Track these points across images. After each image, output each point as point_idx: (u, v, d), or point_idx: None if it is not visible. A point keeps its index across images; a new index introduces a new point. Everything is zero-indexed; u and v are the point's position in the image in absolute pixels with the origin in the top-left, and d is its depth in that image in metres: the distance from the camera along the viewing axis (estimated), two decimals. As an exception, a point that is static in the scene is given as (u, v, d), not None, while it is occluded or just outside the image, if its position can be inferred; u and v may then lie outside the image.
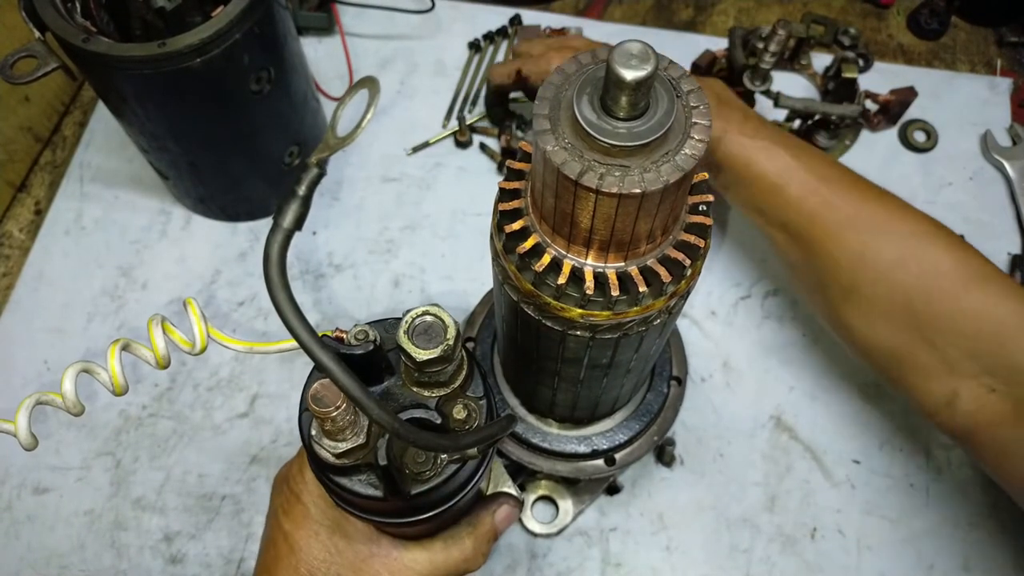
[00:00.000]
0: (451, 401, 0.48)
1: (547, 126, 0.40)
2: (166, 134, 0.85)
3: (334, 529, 0.55)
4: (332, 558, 0.55)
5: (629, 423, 0.76)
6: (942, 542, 0.85)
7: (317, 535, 0.55)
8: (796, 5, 1.22)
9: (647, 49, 0.36)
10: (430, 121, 1.09)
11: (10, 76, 0.73)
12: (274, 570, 0.55)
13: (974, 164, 1.07)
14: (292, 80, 0.89)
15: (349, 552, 0.55)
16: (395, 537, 0.57)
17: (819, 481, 0.88)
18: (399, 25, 1.15)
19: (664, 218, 0.43)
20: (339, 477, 0.47)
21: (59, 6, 0.75)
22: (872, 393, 0.92)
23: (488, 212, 0.51)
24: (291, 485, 0.56)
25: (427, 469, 0.47)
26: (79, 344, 0.95)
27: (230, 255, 1.00)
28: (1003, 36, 1.18)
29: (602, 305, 0.46)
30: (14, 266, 1.01)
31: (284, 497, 0.57)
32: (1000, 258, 1.00)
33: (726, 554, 0.84)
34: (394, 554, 0.56)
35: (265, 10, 0.78)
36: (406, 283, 0.99)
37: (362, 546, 0.55)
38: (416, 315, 0.45)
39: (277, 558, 0.55)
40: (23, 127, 1.05)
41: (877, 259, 0.70)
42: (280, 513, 0.56)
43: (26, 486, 0.87)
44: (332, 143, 0.41)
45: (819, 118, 1.03)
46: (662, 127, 0.38)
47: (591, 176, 0.38)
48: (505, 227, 0.46)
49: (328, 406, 0.41)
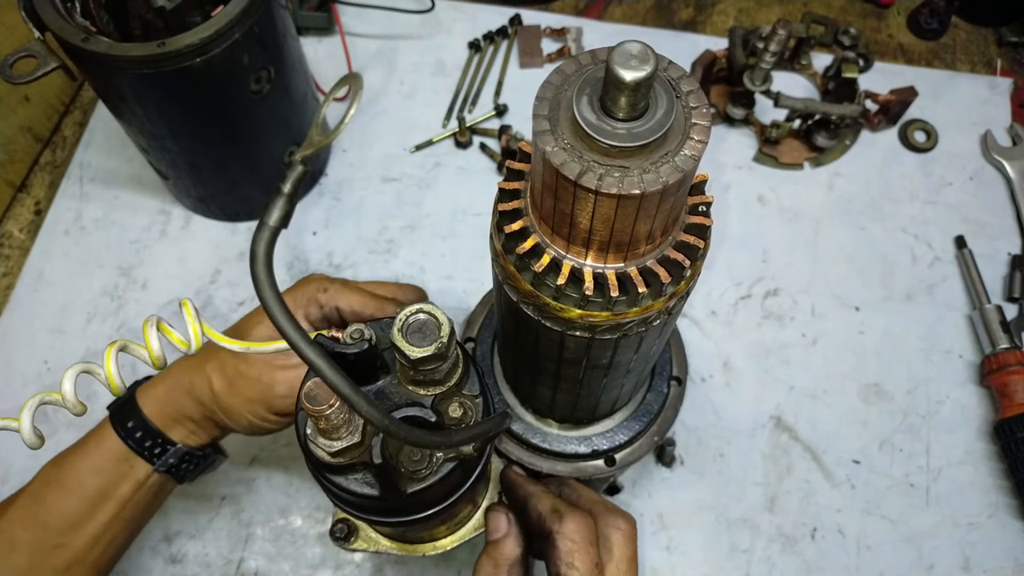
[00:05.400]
0: (447, 399, 0.48)
1: (546, 127, 0.40)
2: (166, 134, 0.85)
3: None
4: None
5: (629, 423, 0.76)
6: (942, 542, 0.85)
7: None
8: (796, 5, 1.22)
9: (647, 50, 0.36)
10: (430, 121, 1.09)
11: (10, 76, 0.73)
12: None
13: (974, 164, 1.07)
14: (292, 80, 0.89)
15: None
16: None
17: (819, 481, 0.88)
18: (399, 25, 1.15)
19: (664, 219, 0.43)
20: (335, 476, 0.47)
21: (59, 6, 0.75)
22: (872, 393, 0.92)
23: (488, 212, 0.51)
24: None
25: (423, 467, 0.47)
26: (79, 344, 0.95)
27: (230, 255, 1.00)
28: (1003, 36, 1.18)
29: (601, 306, 0.46)
30: (14, 266, 1.01)
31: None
32: (1000, 258, 1.00)
33: (726, 554, 0.84)
34: None
35: (265, 10, 0.78)
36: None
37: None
38: (410, 313, 0.45)
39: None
40: (23, 127, 1.05)
41: None
42: None
43: (26, 486, 0.87)
44: (316, 140, 0.41)
45: (819, 118, 1.03)
46: (662, 128, 0.38)
47: (590, 177, 0.38)
48: (505, 227, 0.46)
49: (321, 404, 0.41)
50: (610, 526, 0.58)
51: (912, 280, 0.99)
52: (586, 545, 0.55)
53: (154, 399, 0.66)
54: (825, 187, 1.05)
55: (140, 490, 0.66)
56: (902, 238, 1.02)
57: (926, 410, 0.91)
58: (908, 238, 1.02)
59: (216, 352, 0.66)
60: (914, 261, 1.00)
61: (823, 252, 1.01)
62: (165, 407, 0.66)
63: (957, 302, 0.97)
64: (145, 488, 0.66)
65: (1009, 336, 0.91)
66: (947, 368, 0.94)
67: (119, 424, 0.65)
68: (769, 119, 1.06)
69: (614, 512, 0.60)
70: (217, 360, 0.66)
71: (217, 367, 0.66)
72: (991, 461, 0.89)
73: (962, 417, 0.91)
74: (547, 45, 1.15)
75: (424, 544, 0.64)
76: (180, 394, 0.66)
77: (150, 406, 0.66)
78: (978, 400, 0.92)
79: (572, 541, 0.55)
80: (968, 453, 0.89)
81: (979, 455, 0.89)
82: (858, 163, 1.07)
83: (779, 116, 1.05)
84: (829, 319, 0.96)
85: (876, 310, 0.97)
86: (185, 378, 0.66)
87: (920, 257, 1.00)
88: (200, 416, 0.67)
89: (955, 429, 0.90)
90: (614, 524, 0.59)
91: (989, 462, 0.89)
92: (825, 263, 1.00)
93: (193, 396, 0.66)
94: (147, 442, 0.65)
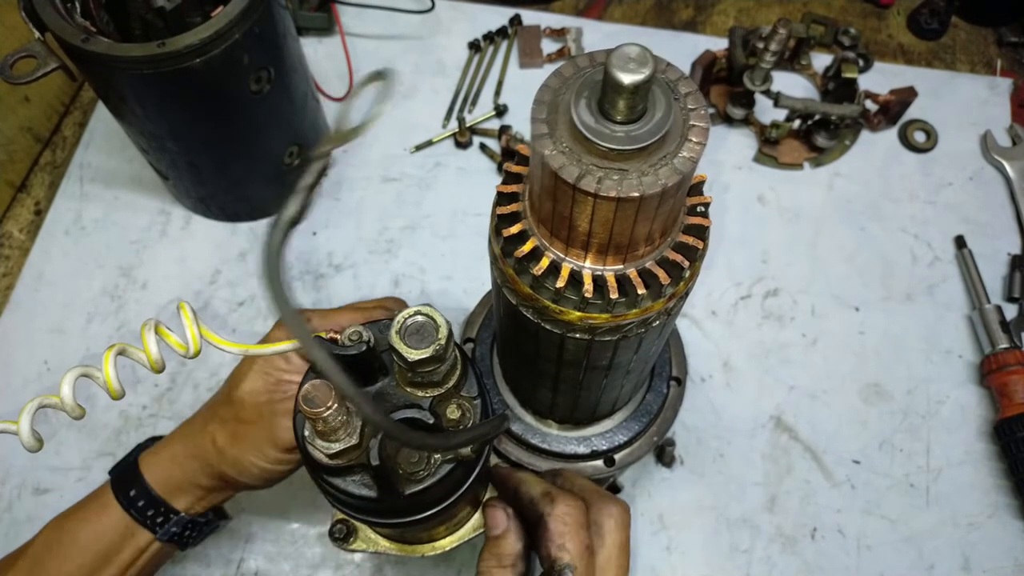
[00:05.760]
0: (445, 401, 0.48)
1: (545, 130, 0.40)
2: (166, 134, 0.85)
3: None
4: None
5: (629, 424, 0.76)
6: (942, 542, 0.85)
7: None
8: (796, 5, 1.22)
9: (645, 53, 0.36)
10: (430, 121, 1.09)
11: (10, 76, 0.73)
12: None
13: (974, 164, 1.07)
14: (292, 80, 0.89)
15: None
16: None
17: (819, 481, 0.88)
18: (399, 25, 1.15)
19: (662, 221, 0.43)
20: (333, 478, 0.47)
21: (59, 6, 0.75)
22: (872, 393, 0.92)
23: (488, 212, 0.51)
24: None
25: (420, 469, 0.47)
26: (79, 344, 0.95)
27: (230, 255, 1.00)
28: (1003, 36, 1.18)
29: (601, 308, 0.46)
30: (14, 266, 1.01)
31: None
32: (1000, 258, 1.00)
33: (726, 554, 0.84)
34: None
35: (265, 10, 0.78)
36: (406, 283, 0.99)
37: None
38: (408, 315, 0.45)
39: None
40: (23, 127, 1.05)
41: None
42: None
43: (26, 487, 0.87)
44: (340, 135, 0.41)
45: (819, 118, 1.03)
46: (660, 130, 0.38)
47: (589, 180, 0.38)
48: (503, 231, 0.46)
49: (319, 406, 0.41)
50: (603, 512, 0.58)
51: (912, 280, 0.99)
52: (577, 528, 0.54)
53: (158, 467, 0.65)
54: (825, 187, 1.05)
55: (142, 556, 0.65)
56: (902, 238, 1.02)
57: (926, 410, 0.91)
58: (908, 238, 1.02)
59: (216, 412, 0.65)
60: (914, 261, 1.00)
61: (823, 252, 1.01)
62: (170, 475, 0.65)
63: (957, 302, 0.97)
64: (147, 555, 0.65)
65: (1009, 336, 0.91)
66: (947, 368, 0.94)
67: (121, 492, 0.64)
68: (769, 119, 1.06)
69: (607, 498, 0.60)
70: (217, 418, 0.65)
71: (218, 424, 0.65)
72: (991, 461, 0.89)
73: (962, 417, 0.91)
74: (547, 45, 1.15)
75: (423, 544, 0.64)
76: (186, 460, 0.65)
77: (154, 474, 0.65)
78: (978, 400, 0.92)
79: (563, 524, 0.54)
80: (968, 453, 0.89)
81: (979, 455, 0.89)
82: (858, 163, 1.07)
83: (779, 116, 1.05)
84: (829, 319, 0.96)
85: (876, 310, 0.97)
86: (190, 443, 0.65)
87: (920, 257, 1.00)
88: (208, 479, 0.65)
89: (955, 429, 0.90)
90: (607, 510, 0.58)
91: (989, 462, 0.89)
92: (825, 263, 1.00)
93: (200, 459, 0.65)
94: (149, 511, 0.64)
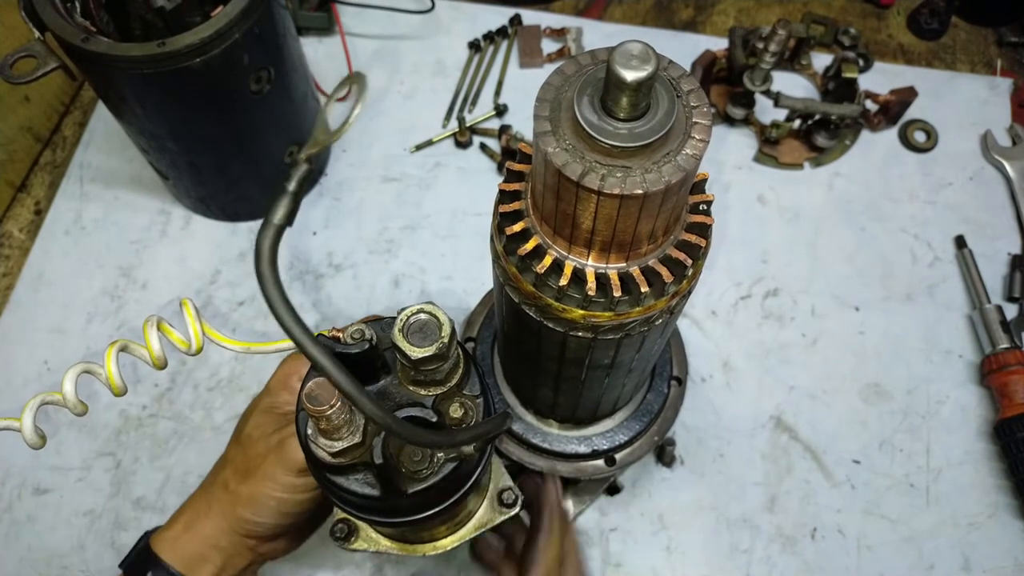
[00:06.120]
0: (448, 399, 0.48)
1: (548, 128, 0.40)
2: (166, 134, 0.85)
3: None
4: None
5: (629, 423, 0.76)
6: (942, 542, 0.85)
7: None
8: (796, 5, 1.22)
9: (647, 50, 0.36)
10: (430, 121, 1.09)
11: (10, 76, 0.73)
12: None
13: (974, 164, 1.07)
14: (292, 80, 0.89)
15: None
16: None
17: (819, 481, 0.88)
18: (399, 25, 1.15)
19: (666, 218, 0.43)
20: (336, 476, 0.47)
21: (59, 6, 0.75)
22: (872, 393, 0.92)
23: (488, 212, 0.51)
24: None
25: (423, 467, 0.47)
26: (79, 344, 0.95)
27: (230, 255, 1.00)
28: (1003, 36, 1.18)
29: (604, 306, 0.46)
30: (14, 266, 1.01)
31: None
32: (1000, 258, 1.00)
33: (726, 554, 0.84)
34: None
35: (265, 10, 0.78)
36: (406, 283, 0.98)
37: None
38: (411, 313, 0.45)
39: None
40: (23, 127, 1.05)
41: None
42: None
43: (27, 486, 0.87)
44: (321, 139, 0.41)
45: (819, 118, 1.03)
46: (663, 127, 0.38)
47: (593, 177, 0.38)
48: (506, 229, 0.46)
49: (322, 404, 0.41)
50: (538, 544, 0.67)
51: (912, 280, 0.99)
52: None
53: (173, 542, 0.62)
54: (825, 187, 1.05)
55: None
56: (902, 238, 1.02)
57: (926, 410, 0.91)
58: (908, 238, 1.02)
59: (225, 458, 0.63)
60: (914, 261, 1.00)
61: (823, 252, 1.01)
62: (188, 546, 0.62)
63: (957, 302, 0.98)
64: None
65: (1009, 336, 0.91)
66: (947, 368, 0.94)
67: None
68: (769, 119, 1.06)
69: (547, 528, 0.69)
70: (227, 463, 0.63)
71: (229, 469, 0.62)
72: (991, 461, 0.89)
73: (962, 417, 0.91)
74: (547, 45, 1.15)
75: (424, 544, 0.64)
76: (201, 523, 0.62)
77: (170, 552, 0.61)
78: (978, 400, 0.92)
79: None
80: (968, 453, 0.89)
81: (979, 455, 0.89)
82: (858, 163, 1.07)
83: (779, 116, 1.05)
84: (829, 319, 0.96)
85: (876, 310, 0.97)
86: (201, 501, 0.63)
87: (920, 257, 1.00)
88: (228, 537, 0.62)
89: (955, 429, 0.90)
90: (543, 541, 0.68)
91: (989, 462, 0.89)
92: (825, 263, 1.00)
93: (215, 513, 0.62)
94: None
